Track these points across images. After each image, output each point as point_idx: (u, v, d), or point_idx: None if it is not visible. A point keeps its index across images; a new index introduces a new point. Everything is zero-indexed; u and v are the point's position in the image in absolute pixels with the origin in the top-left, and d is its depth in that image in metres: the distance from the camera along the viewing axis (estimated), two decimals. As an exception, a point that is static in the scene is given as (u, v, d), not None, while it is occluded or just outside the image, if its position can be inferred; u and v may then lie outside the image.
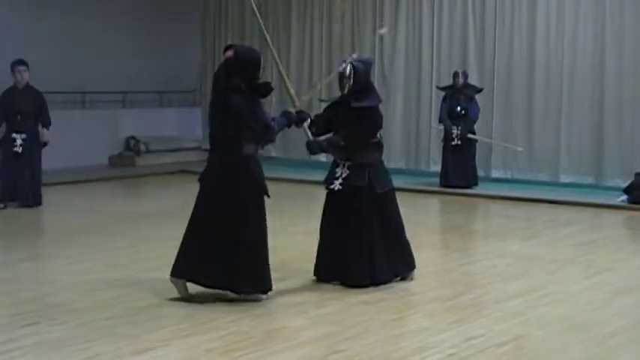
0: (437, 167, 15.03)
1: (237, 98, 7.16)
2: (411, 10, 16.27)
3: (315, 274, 8.03)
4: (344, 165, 7.91)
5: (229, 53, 7.23)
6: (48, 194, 13.03)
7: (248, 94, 7.20)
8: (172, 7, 19.19)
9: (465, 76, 14.41)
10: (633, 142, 14.06)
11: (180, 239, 7.37)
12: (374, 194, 7.81)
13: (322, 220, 8.07)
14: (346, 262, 7.79)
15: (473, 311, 7.15)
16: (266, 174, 14.28)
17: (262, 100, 7.37)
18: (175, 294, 7.36)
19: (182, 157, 18.09)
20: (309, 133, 7.81)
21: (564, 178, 14.72)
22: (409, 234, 8.12)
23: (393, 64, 16.39)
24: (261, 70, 7.29)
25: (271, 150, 17.79)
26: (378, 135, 7.97)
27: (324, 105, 8.42)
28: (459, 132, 14.11)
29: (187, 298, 7.28)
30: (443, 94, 14.61)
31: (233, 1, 18.37)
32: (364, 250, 7.77)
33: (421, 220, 12.22)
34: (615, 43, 14.30)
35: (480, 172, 14.76)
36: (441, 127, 14.44)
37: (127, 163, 17.45)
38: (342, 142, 7.83)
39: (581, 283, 8.17)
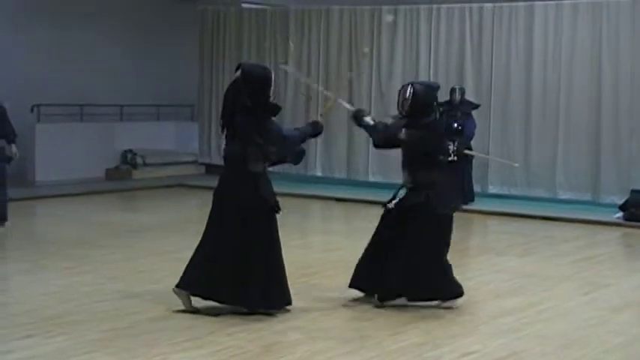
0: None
1: (243, 117, 7.24)
2: (409, 27, 16.30)
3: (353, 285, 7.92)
4: (405, 186, 7.86)
5: (239, 73, 7.30)
6: (45, 207, 13.03)
7: (256, 113, 7.24)
8: (171, 21, 19.23)
9: (462, 92, 14.44)
10: (630, 159, 14.10)
11: (178, 252, 7.38)
12: (430, 214, 7.64)
13: (375, 236, 7.98)
14: (382, 275, 7.72)
15: (469, 327, 7.16)
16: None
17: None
18: (173, 307, 7.36)
19: (179, 171, 18.10)
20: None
21: (561, 195, 14.73)
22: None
23: (390, 81, 16.41)
24: (271, 87, 7.34)
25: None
26: (440, 155, 7.93)
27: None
28: (455, 148, 14.11)
29: (190, 311, 7.28)
30: (440, 110, 14.59)
31: (230, 16, 18.40)
32: (396, 268, 7.65)
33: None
34: (611, 62, 14.36)
35: (477, 188, 14.78)
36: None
37: (124, 176, 17.45)
38: (376, 144, 8.11)
39: (577, 300, 8.19)
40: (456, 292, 7.80)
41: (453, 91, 14.39)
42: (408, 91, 7.84)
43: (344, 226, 13.59)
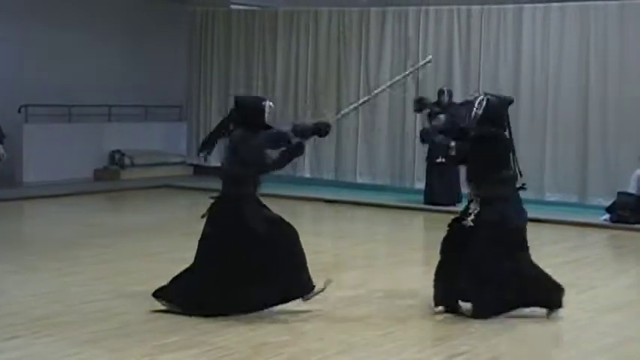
0: (421, 185, 15.05)
1: (234, 134, 7.49)
2: (397, 29, 16.32)
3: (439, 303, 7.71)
4: (476, 201, 7.70)
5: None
6: (33, 207, 13.00)
7: (250, 129, 7.44)
8: (159, 22, 19.20)
9: (450, 94, 14.48)
10: (617, 162, 14.14)
11: (168, 253, 7.40)
12: (504, 229, 7.55)
13: (446, 249, 7.82)
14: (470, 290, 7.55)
15: (457, 328, 7.16)
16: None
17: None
18: (162, 308, 7.36)
19: (167, 172, 18.07)
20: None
21: (549, 197, 14.77)
22: (393, 251, 8.13)
23: (378, 81, 16.41)
24: (265, 116, 7.55)
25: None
26: (510, 168, 7.79)
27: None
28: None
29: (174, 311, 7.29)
30: (428, 111, 14.63)
31: (219, 17, 18.39)
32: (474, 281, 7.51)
33: (405, 236, 12.28)
34: (599, 65, 14.41)
35: (465, 190, 14.78)
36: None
37: (112, 176, 17.41)
38: (453, 153, 7.80)
39: (565, 301, 8.19)
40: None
41: (441, 92, 14.43)
42: (479, 101, 7.75)
43: (333, 227, 13.59)
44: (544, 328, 7.25)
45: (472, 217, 7.64)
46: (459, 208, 13.88)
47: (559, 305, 7.55)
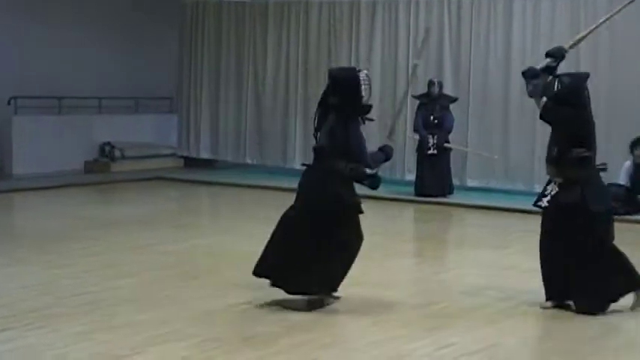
0: (412, 176, 15.07)
1: (332, 115, 7.36)
2: (387, 21, 16.33)
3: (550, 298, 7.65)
4: (555, 182, 7.60)
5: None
6: (23, 199, 12.98)
7: (345, 113, 7.33)
8: (149, 13, 19.17)
9: (440, 85, 14.50)
10: (607, 152, 14.14)
11: (159, 245, 7.39)
12: (587, 212, 7.32)
13: (541, 241, 7.77)
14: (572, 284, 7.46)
15: (446, 319, 7.19)
16: (239, 180, 14.35)
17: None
18: (153, 300, 7.39)
19: (158, 164, 18.06)
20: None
21: (539, 188, 14.75)
22: (384, 242, 8.13)
23: (370, 74, 16.41)
24: (360, 88, 7.38)
25: (246, 157, 17.83)
26: (590, 150, 7.52)
27: None
28: (435, 141, 14.17)
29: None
30: (418, 103, 14.67)
31: (210, 8, 18.37)
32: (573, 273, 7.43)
33: (396, 228, 12.30)
34: (590, 55, 14.43)
35: (456, 181, 14.83)
36: (417, 136, 14.50)
37: (102, 169, 17.39)
38: (541, 111, 7.60)
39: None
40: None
41: (431, 83, 14.45)
42: (551, 79, 7.60)
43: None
44: (532, 319, 7.29)
45: (547, 198, 7.56)
46: (450, 199, 14.09)
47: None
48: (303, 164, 7.73)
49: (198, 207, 15.02)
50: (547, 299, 7.64)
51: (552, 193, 7.56)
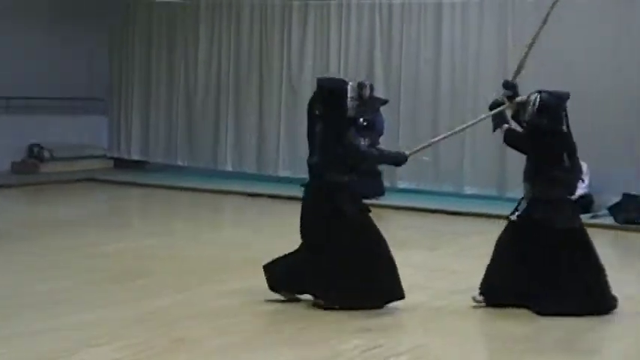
0: (344, 178, 15.10)
1: (321, 127, 7.45)
2: (319, 23, 16.39)
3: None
4: (526, 198, 7.77)
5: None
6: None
7: (333, 123, 7.42)
8: (81, 13, 18.95)
9: (371, 88, 14.58)
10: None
11: (89, 247, 7.33)
12: (553, 229, 7.55)
13: (499, 244, 7.89)
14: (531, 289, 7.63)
15: (375, 321, 7.24)
16: (170, 182, 14.23)
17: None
18: (84, 303, 7.34)
19: (88, 165, 17.89)
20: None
21: (467, 190, 15.00)
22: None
23: (300, 76, 16.50)
24: (346, 99, 7.45)
25: (177, 158, 17.75)
26: (563, 168, 7.67)
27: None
28: (366, 144, 14.23)
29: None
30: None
31: (141, 9, 18.25)
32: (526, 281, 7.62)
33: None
34: (517, 59, 14.61)
35: (387, 183, 14.94)
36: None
37: (31, 169, 17.16)
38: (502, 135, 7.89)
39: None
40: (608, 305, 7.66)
41: (362, 86, 14.46)
42: (533, 98, 7.73)
43: (255, 221, 13.60)
44: (460, 321, 7.36)
45: (518, 212, 7.75)
46: (381, 201, 14.18)
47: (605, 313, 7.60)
48: (302, 184, 7.80)
49: (129, 209, 14.92)
50: (480, 294, 7.80)
51: (522, 208, 7.78)
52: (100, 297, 7.68)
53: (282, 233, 11.82)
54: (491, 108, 8.18)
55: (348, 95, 7.49)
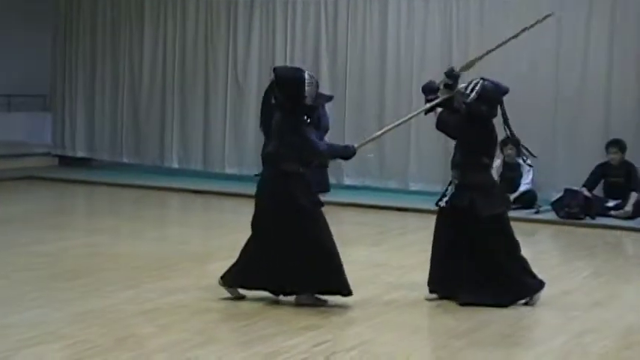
0: (290, 174, 15.11)
1: (278, 116, 7.43)
2: (265, 18, 16.36)
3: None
4: (453, 184, 7.87)
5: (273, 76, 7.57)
6: None
7: (290, 113, 7.41)
8: (23, 8, 18.74)
9: (316, 85, 14.57)
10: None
11: (31, 245, 7.25)
12: (475, 216, 7.66)
13: (435, 237, 7.97)
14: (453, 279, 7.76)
15: (321, 317, 7.25)
16: (116, 180, 14.16)
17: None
18: (25, 301, 7.24)
19: (31, 163, 17.68)
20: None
21: (412, 186, 15.09)
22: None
23: (246, 72, 16.47)
24: (304, 88, 7.45)
25: (123, 156, 17.62)
26: (489, 157, 7.87)
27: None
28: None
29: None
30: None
31: (84, 2, 18.07)
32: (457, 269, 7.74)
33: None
34: (462, 55, 14.77)
35: (332, 180, 14.96)
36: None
37: (-29, 167, 16.92)
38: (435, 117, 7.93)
39: (426, 289, 8.36)
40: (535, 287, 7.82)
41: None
42: (475, 82, 7.81)
43: (201, 218, 13.56)
44: (405, 315, 7.41)
45: (446, 198, 7.86)
46: (327, 197, 14.18)
47: (529, 296, 7.77)
48: (256, 175, 7.76)
49: (73, 206, 14.78)
50: (430, 291, 7.90)
51: (449, 193, 7.88)
52: (39, 296, 7.59)
53: (228, 230, 11.84)
54: (424, 89, 8.22)
55: (306, 83, 7.48)
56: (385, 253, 10.24)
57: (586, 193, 12.84)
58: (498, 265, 7.75)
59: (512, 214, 12.46)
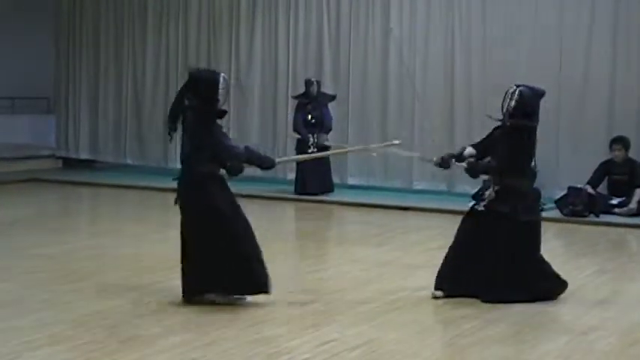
0: (293, 175, 15.14)
1: (191, 117, 7.40)
2: (267, 19, 16.38)
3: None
4: (492, 189, 7.87)
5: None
6: None
7: (203, 115, 7.39)
8: (26, 10, 18.75)
9: (319, 84, 14.60)
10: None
11: (34, 248, 7.25)
12: (515, 222, 7.72)
13: (458, 234, 8.03)
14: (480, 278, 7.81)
15: (326, 316, 7.26)
16: (120, 181, 14.10)
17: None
18: (31, 305, 7.27)
19: (35, 166, 17.68)
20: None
21: (417, 185, 15.09)
22: (264, 241, 8.08)
23: (249, 73, 16.48)
24: (219, 91, 7.41)
25: (126, 157, 17.64)
26: (533, 162, 7.95)
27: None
28: (315, 140, 14.27)
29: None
30: (297, 102, 14.75)
31: (87, 4, 18.08)
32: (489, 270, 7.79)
33: (276, 227, 12.35)
34: (464, 52, 14.78)
35: (336, 179, 14.97)
36: (297, 135, 14.58)
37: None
38: (495, 165, 7.87)
39: (431, 288, 8.37)
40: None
41: (309, 83, 14.53)
42: (512, 91, 7.80)
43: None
44: (410, 314, 7.41)
45: (485, 202, 7.88)
46: (331, 197, 14.21)
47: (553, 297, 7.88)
48: (174, 178, 7.70)
49: (78, 209, 14.78)
50: (436, 288, 7.93)
51: (489, 198, 7.88)
52: (44, 298, 7.59)
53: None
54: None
55: (220, 87, 7.44)
56: (389, 253, 10.23)
57: (590, 190, 12.83)
58: (527, 266, 7.81)
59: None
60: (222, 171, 7.54)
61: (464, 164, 8.07)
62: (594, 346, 6.63)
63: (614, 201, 12.96)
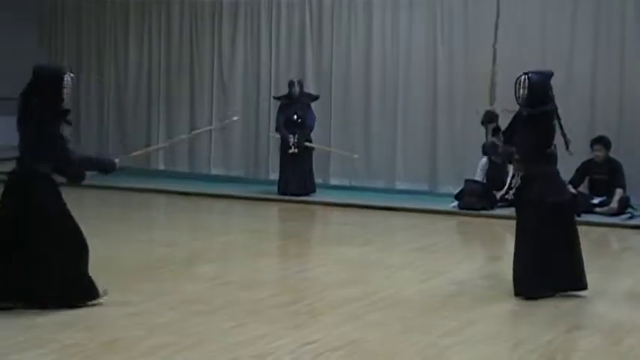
0: (276, 175, 15.14)
1: (32, 117, 7.05)
2: (249, 21, 16.37)
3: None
4: (518, 175, 8.02)
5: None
6: None
7: (45, 115, 7.05)
8: (7, 9, 18.62)
9: (301, 85, 14.61)
10: (464, 150, 14.55)
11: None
12: (542, 206, 7.80)
13: (531, 234, 8.00)
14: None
15: (309, 317, 7.26)
16: (103, 182, 14.09)
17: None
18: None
19: (10, 167, 17.51)
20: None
21: (399, 185, 15.11)
22: (249, 242, 8.11)
23: (232, 74, 16.47)
24: (63, 89, 7.11)
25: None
26: (550, 146, 7.93)
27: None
28: (295, 140, 14.27)
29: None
30: (279, 103, 14.76)
31: (69, 6, 18.02)
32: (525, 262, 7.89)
33: (260, 227, 12.32)
34: (446, 56, 14.82)
35: (319, 180, 14.98)
36: (278, 135, 14.59)
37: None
38: (517, 156, 7.98)
39: (415, 287, 8.40)
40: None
41: (291, 84, 14.54)
42: (522, 80, 7.86)
43: (188, 220, 13.52)
44: (393, 314, 7.41)
45: (512, 191, 8.10)
46: (314, 198, 14.21)
47: (583, 288, 8.01)
48: (2, 172, 7.36)
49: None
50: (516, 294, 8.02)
51: (516, 186, 8.06)
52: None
53: (215, 232, 11.84)
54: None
55: (64, 85, 7.12)
56: (372, 253, 10.23)
57: (571, 190, 12.87)
58: (555, 253, 7.90)
59: (499, 212, 12.62)
60: (61, 178, 7.29)
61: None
62: (577, 344, 6.65)
63: (595, 200, 13.01)
